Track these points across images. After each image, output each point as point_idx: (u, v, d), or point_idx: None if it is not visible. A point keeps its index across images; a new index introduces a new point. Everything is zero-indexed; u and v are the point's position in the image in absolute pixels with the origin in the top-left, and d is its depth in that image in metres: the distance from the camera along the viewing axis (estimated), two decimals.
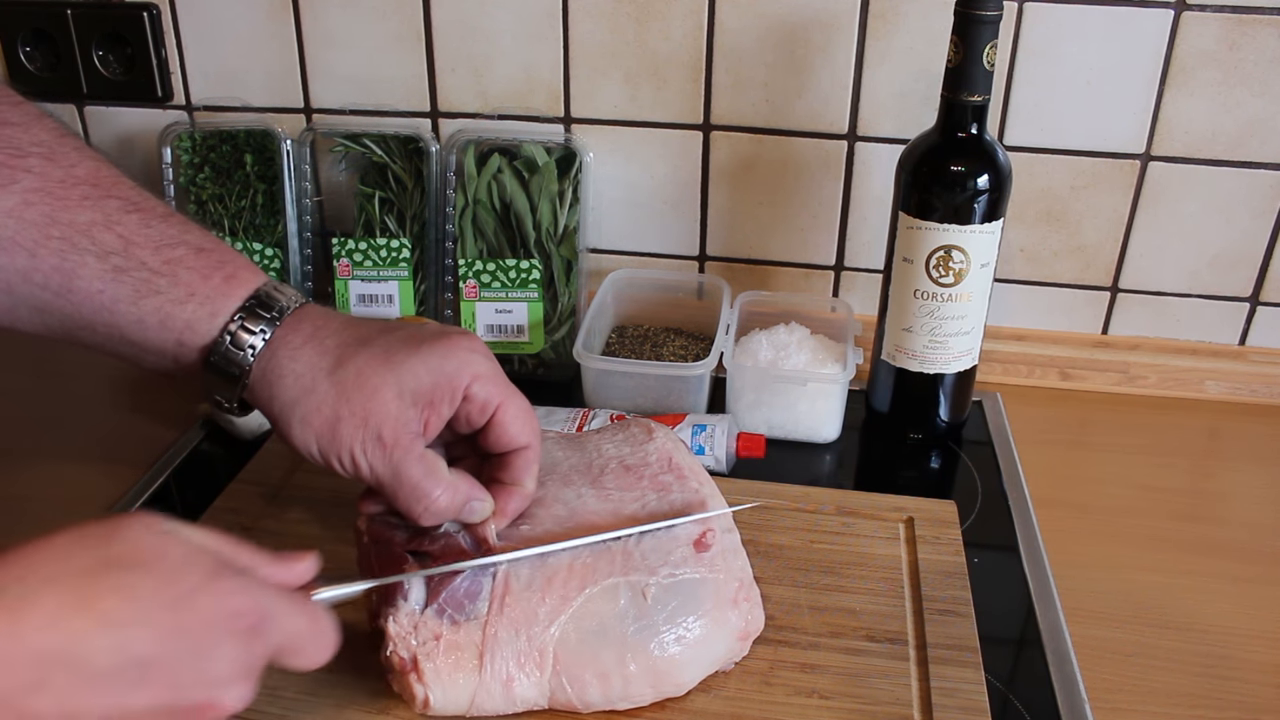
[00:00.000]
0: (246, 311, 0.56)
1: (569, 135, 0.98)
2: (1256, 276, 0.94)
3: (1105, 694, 0.64)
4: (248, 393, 0.57)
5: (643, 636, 0.57)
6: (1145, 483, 0.86)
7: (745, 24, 0.92)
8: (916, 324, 0.84)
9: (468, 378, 0.57)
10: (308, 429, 0.55)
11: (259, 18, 0.98)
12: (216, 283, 0.56)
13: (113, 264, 0.55)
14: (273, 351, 0.56)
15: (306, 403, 0.55)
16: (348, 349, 0.56)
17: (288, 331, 0.56)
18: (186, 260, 0.56)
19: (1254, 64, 0.86)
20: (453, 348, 0.57)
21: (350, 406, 0.55)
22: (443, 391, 0.56)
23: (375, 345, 0.56)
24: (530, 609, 0.56)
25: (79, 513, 0.78)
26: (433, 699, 0.55)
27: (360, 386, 0.55)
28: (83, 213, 0.55)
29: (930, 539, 0.72)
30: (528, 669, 0.56)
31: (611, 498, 0.62)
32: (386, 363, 0.55)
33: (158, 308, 0.55)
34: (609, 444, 0.67)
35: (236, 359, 0.56)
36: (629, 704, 0.58)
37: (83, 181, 0.56)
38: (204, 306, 0.56)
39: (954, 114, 0.79)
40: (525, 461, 0.60)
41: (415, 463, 0.56)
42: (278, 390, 0.56)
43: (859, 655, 0.63)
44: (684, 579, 0.59)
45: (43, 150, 0.56)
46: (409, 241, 0.98)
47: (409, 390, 0.55)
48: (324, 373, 0.55)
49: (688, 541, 0.60)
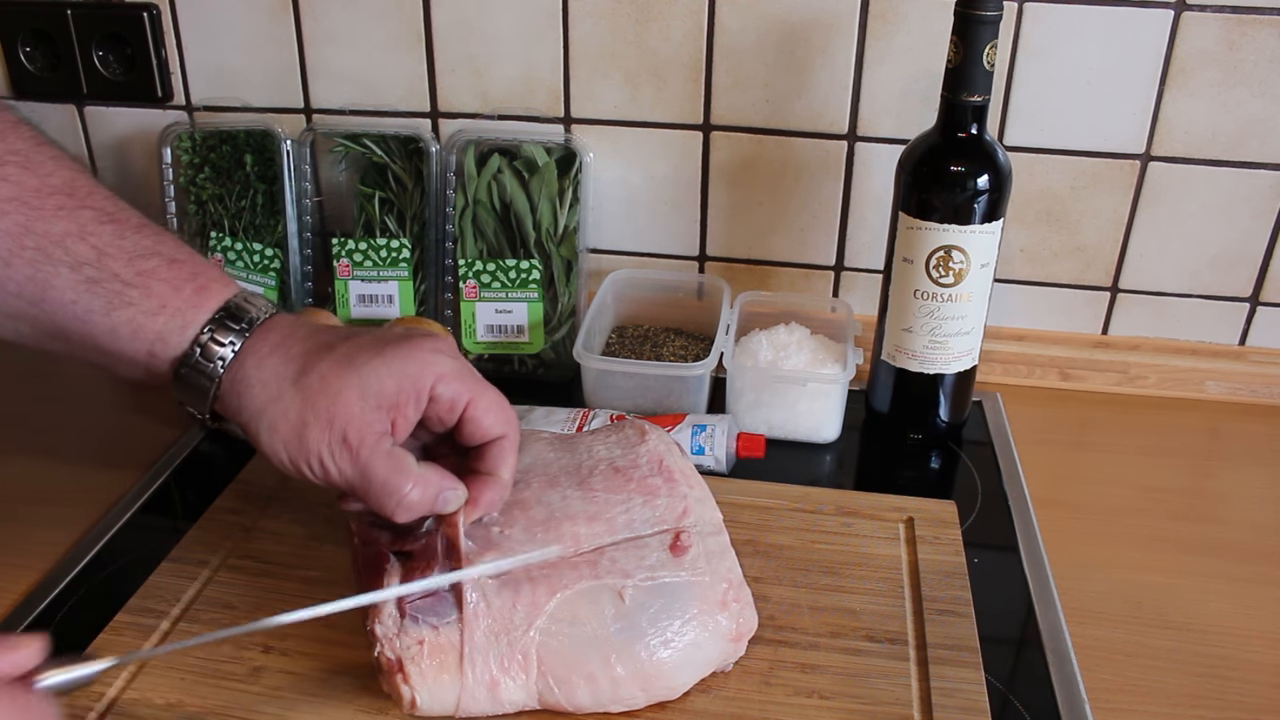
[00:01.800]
0: (216, 323, 0.56)
1: (569, 135, 0.98)
2: (1256, 276, 0.94)
3: (1105, 694, 0.64)
4: (218, 403, 0.57)
5: (627, 639, 0.57)
6: (1145, 483, 0.86)
7: (745, 24, 0.92)
8: (916, 324, 0.84)
9: (431, 378, 0.57)
10: (275, 436, 0.56)
11: (259, 18, 0.98)
12: (188, 294, 0.57)
13: (86, 275, 0.55)
14: (240, 361, 0.56)
15: (273, 410, 0.56)
16: (311, 356, 0.57)
17: (256, 341, 0.57)
18: (159, 272, 0.56)
19: (1254, 64, 0.86)
20: (415, 349, 0.57)
21: (315, 411, 0.55)
22: (407, 394, 0.56)
23: (338, 351, 0.57)
24: (505, 613, 0.57)
25: (79, 514, 0.78)
26: (419, 700, 0.55)
27: (324, 391, 0.55)
28: (57, 223, 0.55)
29: (930, 539, 0.72)
30: (512, 672, 0.56)
31: (596, 500, 0.62)
32: (349, 367, 0.56)
33: (130, 319, 0.56)
34: (601, 445, 0.67)
35: (206, 370, 0.56)
36: (621, 706, 0.58)
37: (58, 191, 0.56)
38: (175, 319, 0.56)
39: (954, 114, 0.79)
40: (501, 451, 0.60)
41: (382, 460, 0.56)
42: (245, 400, 0.56)
43: (859, 655, 0.63)
44: (665, 582, 0.59)
45: (18, 159, 0.56)
46: (409, 242, 0.98)
47: (373, 393, 0.55)
48: (289, 381, 0.56)
49: (661, 546, 0.60)
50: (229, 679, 0.60)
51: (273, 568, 0.69)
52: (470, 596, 0.57)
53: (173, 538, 0.72)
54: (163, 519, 0.79)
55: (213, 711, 0.58)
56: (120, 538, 0.76)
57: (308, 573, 0.69)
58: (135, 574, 0.69)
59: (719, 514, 0.63)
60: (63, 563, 0.74)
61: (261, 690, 0.60)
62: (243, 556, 0.70)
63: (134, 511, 0.79)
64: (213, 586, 0.68)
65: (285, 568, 0.69)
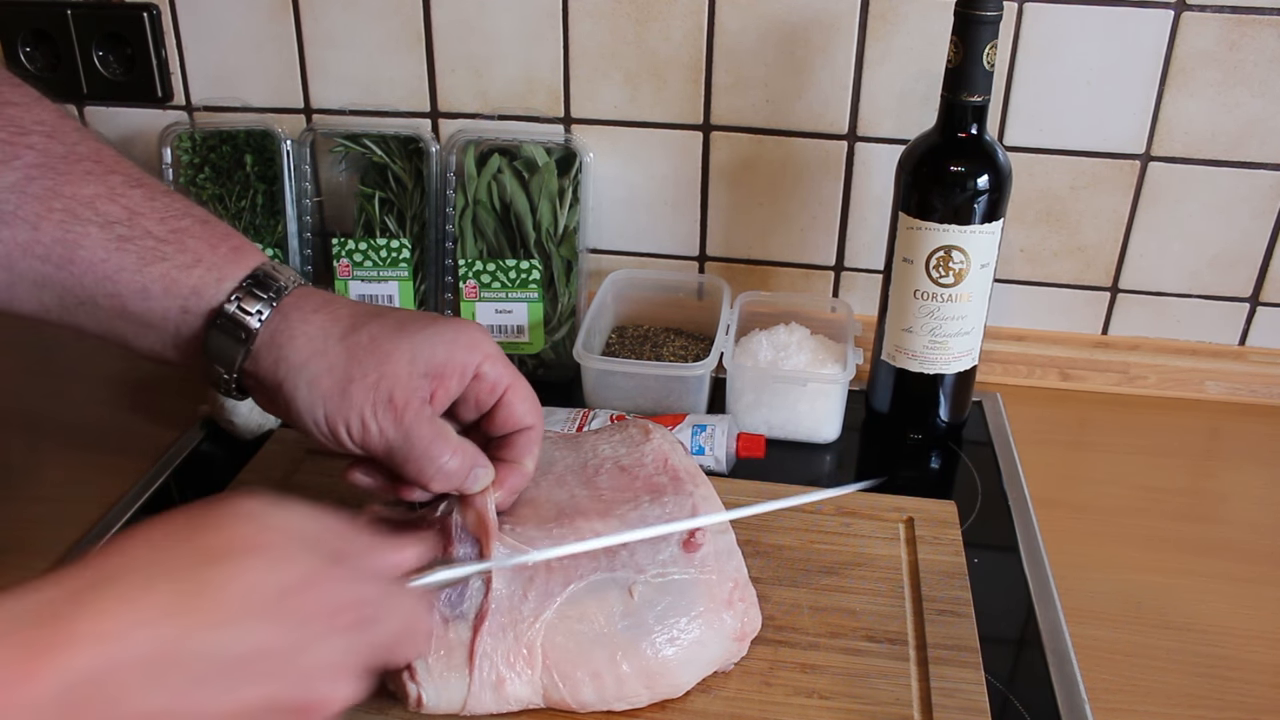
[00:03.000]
0: (254, 280, 0.56)
1: (569, 135, 0.98)
2: (1256, 276, 0.94)
3: (1105, 694, 0.64)
4: (250, 361, 0.56)
5: (634, 636, 0.57)
6: (1145, 483, 0.86)
7: (745, 24, 0.92)
8: (916, 324, 0.84)
9: (480, 356, 0.57)
10: (315, 391, 0.55)
11: (259, 18, 0.98)
12: (224, 252, 0.56)
13: (117, 233, 0.55)
14: (284, 315, 0.56)
15: (317, 364, 0.55)
16: (361, 318, 0.56)
17: (298, 299, 0.56)
18: (193, 230, 0.56)
19: (1254, 64, 0.86)
20: (467, 326, 0.58)
21: (363, 369, 0.54)
22: (454, 366, 0.56)
23: (389, 317, 0.57)
24: (514, 606, 0.56)
25: (79, 514, 0.78)
26: (425, 697, 0.55)
27: (373, 351, 0.55)
28: (86, 186, 0.55)
29: (930, 539, 0.72)
30: (518, 668, 0.56)
31: (604, 498, 0.62)
32: (401, 331, 0.56)
33: (163, 274, 0.55)
34: (605, 445, 0.67)
35: (244, 322, 0.55)
36: (625, 704, 0.58)
37: (85, 158, 0.56)
38: (211, 272, 0.56)
39: (954, 114, 0.79)
40: (528, 441, 0.60)
41: (426, 425, 0.55)
42: (287, 351, 0.55)
43: (859, 655, 0.63)
44: (674, 579, 0.59)
45: (45, 129, 0.56)
46: (409, 242, 0.98)
47: (423, 359, 0.55)
48: (335, 338, 0.55)
49: (676, 542, 0.60)
50: None
51: None
52: (495, 584, 0.56)
53: None
54: None
55: None
56: None
57: None
58: None
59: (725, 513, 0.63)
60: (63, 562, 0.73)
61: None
62: None
63: (134, 512, 0.79)
64: None
65: None
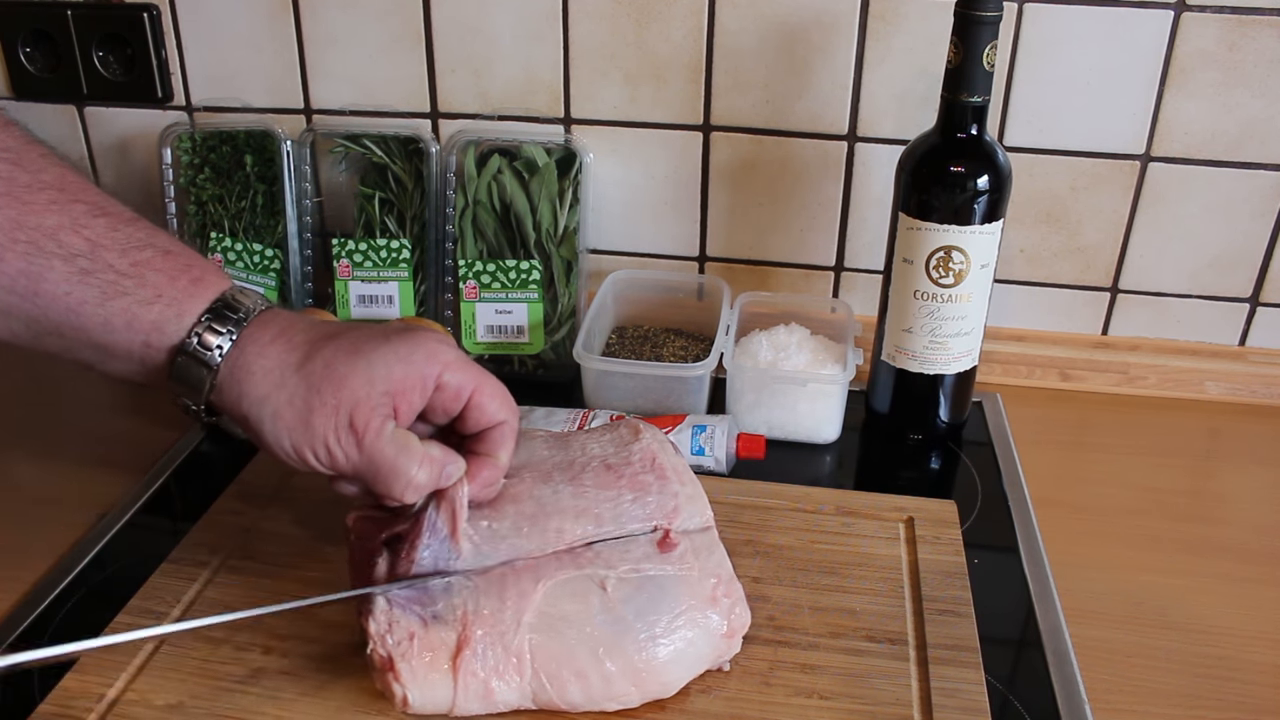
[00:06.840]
0: (213, 313, 0.56)
1: (569, 136, 0.98)
2: (1256, 277, 0.94)
3: (1105, 694, 0.64)
4: (215, 394, 0.57)
5: (615, 632, 0.57)
6: (1145, 483, 0.86)
7: (745, 25, 0.92)
8: (916, 325, 0.84)
9: (438, 367, 0.57)
10: (279, 423, 0.55)
11: (259, 18, 0.98)
12: (183, 285, 0.56)
13: (79, 266, 0.55)
14: (240, 349, 0.56)
15: (277, 397, 0.55)
16: (316, 344, 0.57)
17: (255, 330, 0.57)
18: (154, 263, 0.56)
19: (1254, 64, 0.86)
20: (422, 339, 0.58)
21: (321, 397, 0.55)
22: (413, 380, 0.56)
23: (344, 339, 0.57)
24: (496, 616, 0.57)
25: (79, 514, 0.78)
26: (411, 698, 0.55)
27: (329, 377, 0.55)
28: (49, 216, 0.55)
29: (930, 539, 0.72)
30: (507, 676, 0.56)
31: (586, 495, 0.62)
32: (355, 353, 0.56)
33: (124, 309, 0.55)
34: (595, 443, 0.67)
35: (204, 358, 0.56)
36: (617, 704, 0.58)
37: (49, 186, 0.56)
38: (171, 308, 0.56)
39: (954, 115, 0.79)
40: (501, 435, 0.60)
41: (387, 444, 0.56)
42: (246, 387, 0.56)
43: (859, 655, 0.63)
44: (650, 575, 0.59)
45: (9, 156, 0.55)
46: (409, 242, 0.98)
47: (379, 378, 0.56)
48: (292, 368, 0.56)
49: (650, 542, 0.60)
50: (229, 680, 0.60)
51: (273, 568, 0.69)
52: (475, 582, 0.57)
53: (173, 539, 0.72)
54: (163, 520, 0.79)
55: (212, 712, 0.58)
56: (120, 538, 0.76)
57: (308, 573, 0.69)
58: (135, 575, 0.68)
59: (710, 511, 0.64)
60: (63, 563, 0.74)
61: (261, 691, 0.60)
62: (243, 557, 0.70)
63: (134, 512, 0.79)
64: (213, 588, 0.68)
65: (285, 568, 0.69)
